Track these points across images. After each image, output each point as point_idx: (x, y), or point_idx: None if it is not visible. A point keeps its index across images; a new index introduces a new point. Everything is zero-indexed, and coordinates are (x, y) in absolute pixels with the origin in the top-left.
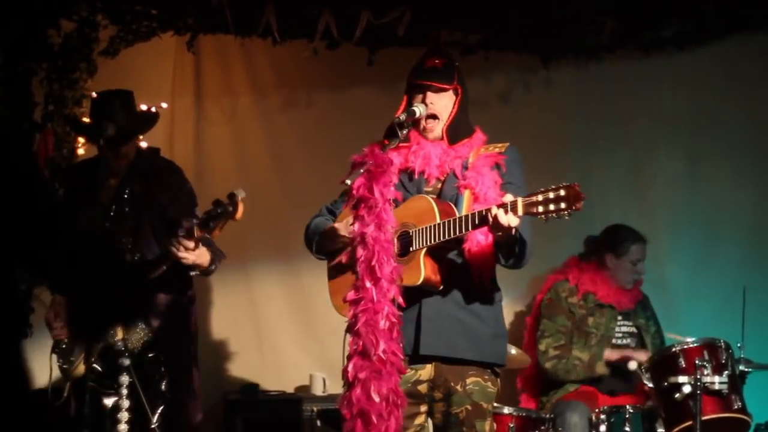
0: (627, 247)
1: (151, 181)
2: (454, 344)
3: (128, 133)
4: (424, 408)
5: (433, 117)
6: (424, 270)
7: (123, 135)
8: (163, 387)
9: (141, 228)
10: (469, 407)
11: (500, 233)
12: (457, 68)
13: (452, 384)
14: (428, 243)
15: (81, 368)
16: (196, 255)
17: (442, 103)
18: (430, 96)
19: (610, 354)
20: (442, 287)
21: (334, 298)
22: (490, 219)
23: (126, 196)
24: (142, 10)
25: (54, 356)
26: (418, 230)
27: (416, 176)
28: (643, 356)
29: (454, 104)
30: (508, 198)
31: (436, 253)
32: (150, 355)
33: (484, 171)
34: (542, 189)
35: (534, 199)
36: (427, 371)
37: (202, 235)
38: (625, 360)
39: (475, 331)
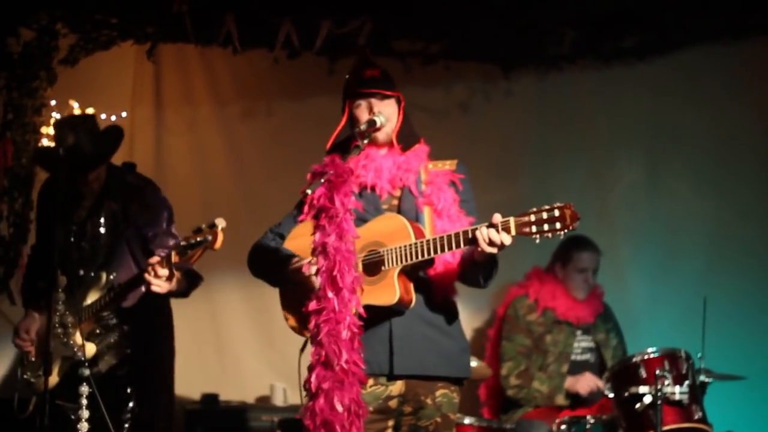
0: (571, 254)
1: (128, 199)
2: (426, 362)
3: (93, 160)
4: (391, 422)
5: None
6: (398, 289)
7: (88, 163)
8: (130, 406)
9: (117, 246)
10: (438, 419)
11: (488, 253)
12: (393, 78)
13: (422, 398)
14: (404, 262)
15: (52, 379)
16: (169, 284)
17: (388, 110)
18: (377, 104)
19: (571, 384)
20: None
21: (290, 320)
22: (481, 238)
23: (102, 214)
24: (101, 19)
25: (20, 369)
26: (394, 249)
27: (368, 190)
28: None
29: (399, 111)
30: (498, 218)
31: (408, 272)
32: (120, 373)
33: (444, 188)
34: (535, 209)
35: (527, 219)
36: (397, 387)
37: (178, 262)
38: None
39: (444, 346)
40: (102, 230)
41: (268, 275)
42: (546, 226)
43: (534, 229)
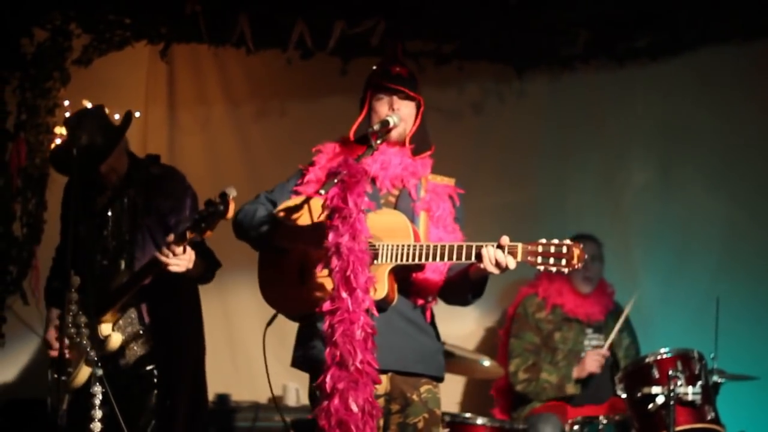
0: None
1: (151, 189)
2: (405, 359)
3: (102, 150)
4: (380, 422)
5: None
6: (387, 286)
7: (97, 154)
8: (153, 402)
9: (138, 235)
10: (426, 416)
11: (487, 272)
12: (417, 80)
13: (408, 394)
14: (399, 261)
15: (80, 377)
16: (184, 262)
17: (407, 111)
18: (397, 102)
19: (579, 372)
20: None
21: (266, 289)
22: (487, 257)
23: (123, 204)
24: (115, 20)
25: (50, 369)
26: (391, 246)
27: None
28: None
29: (418, 115)
30: (506, 240)
31: (397, 272)
32: (147, 368)
33: (444, 198)
34: (545, 240)
35: (535, 248)
36: (383, 385)
37: (193, 237)
38: (592, 374)
39: (422, 344)
40: (124, 218)
41: (255, 238)
42: (551, 260)
43: (539, 260)
